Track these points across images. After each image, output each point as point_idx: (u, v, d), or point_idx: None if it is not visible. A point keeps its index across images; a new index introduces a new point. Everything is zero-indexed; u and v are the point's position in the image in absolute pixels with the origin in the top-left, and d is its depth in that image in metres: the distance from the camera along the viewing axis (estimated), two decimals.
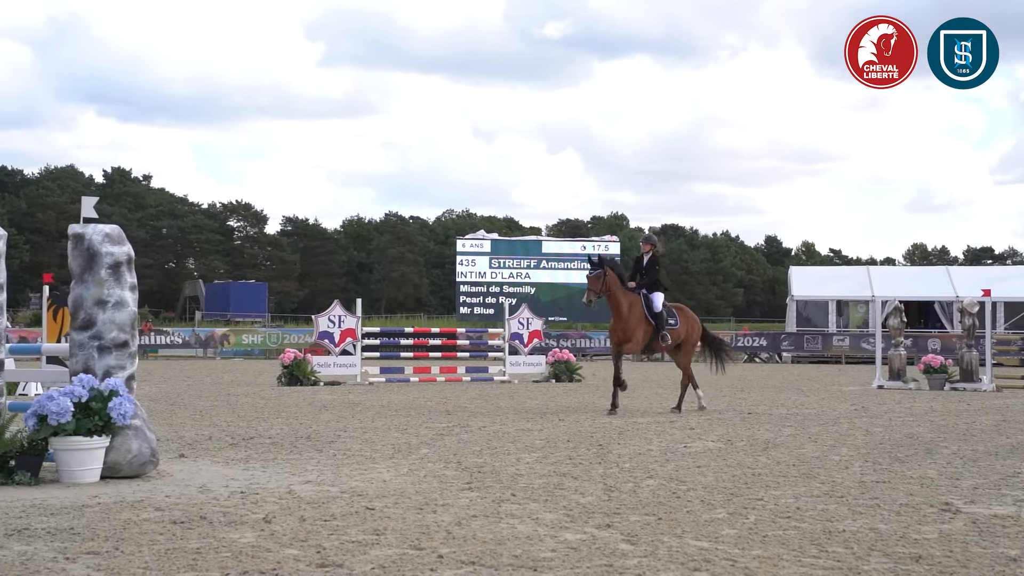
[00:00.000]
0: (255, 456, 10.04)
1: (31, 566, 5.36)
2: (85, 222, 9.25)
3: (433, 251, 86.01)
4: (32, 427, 8.26)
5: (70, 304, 9.08)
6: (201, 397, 18.45)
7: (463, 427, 13.18)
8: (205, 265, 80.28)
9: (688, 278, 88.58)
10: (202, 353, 41.90)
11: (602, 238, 60.02)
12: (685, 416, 15.00)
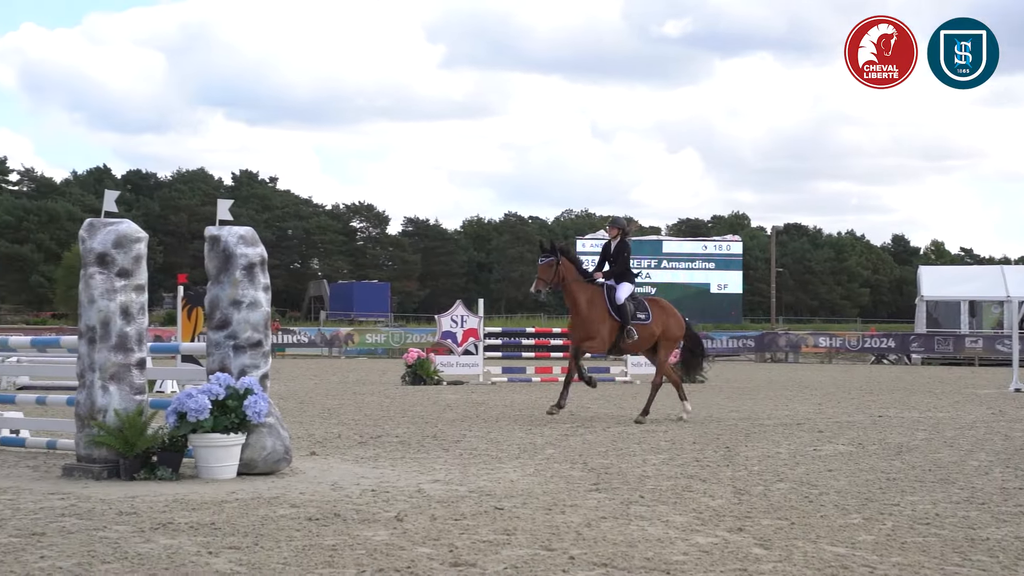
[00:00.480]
0: (384, 455, 10.18)
1: (176, 559, 5.52)
2: (220, 224, 9.48)
3: None
4: (172, 424, 8.51)
5: (206, 304, 9.33)
6: (328, 396, 18.79)
7: (587, 428, 13.16)
8: (329, 265, 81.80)
9: (812, 278, 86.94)
10: (327, 352, 42.66)
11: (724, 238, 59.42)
12: (813, 419, 14.71)
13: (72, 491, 7.69)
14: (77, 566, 5.35)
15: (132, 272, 8.88)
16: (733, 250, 55.39)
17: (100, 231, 8.84)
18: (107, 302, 8.71)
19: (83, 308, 8.78)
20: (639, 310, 14.47)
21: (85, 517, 6.67)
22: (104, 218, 9.04)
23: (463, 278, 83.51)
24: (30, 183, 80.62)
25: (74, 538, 6.01)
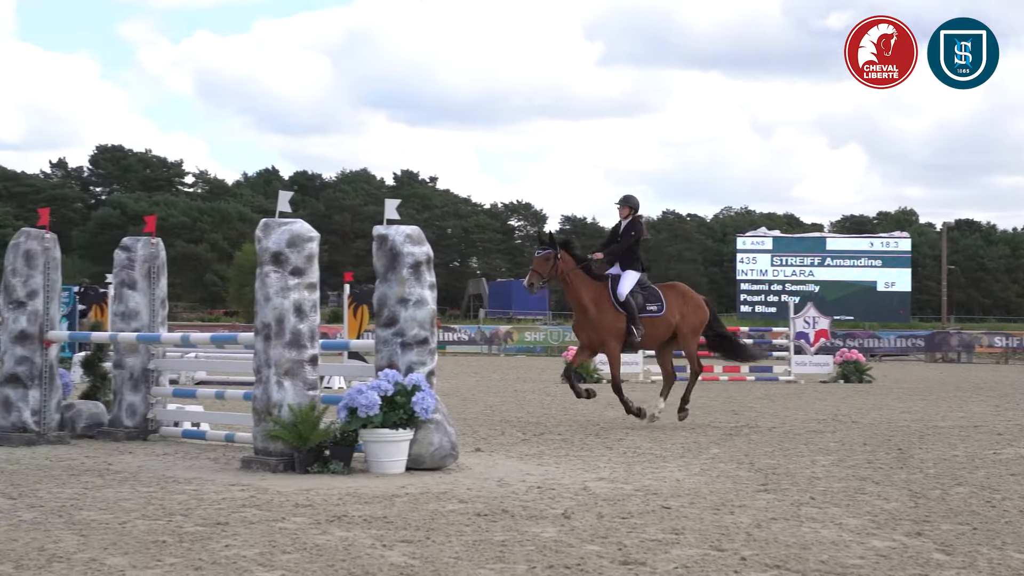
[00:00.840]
0: (547, 452, 10.22)
1: (352, 551, 5.66)
2: (388, 223, 9.67)
3: (711, 249, 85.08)
4: (344, 419, 8.73)
5: (375, 302, 9.54)
6: (490, 393, 18.98)
7: (752, 427, 12.94)
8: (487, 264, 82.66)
9: (985, 275, 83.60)
10: (487, 350, 43.12)
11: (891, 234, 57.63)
12: (991, 422, 14.13)
13: (251, 483, 7.96)
14: (260, 555, 5.54)
15: (305, 270, 9.14)
16: (901, 247, 53.72)
17: (275, 231, 9.13)
18: (281, 300, 8.98)
19: (259, 306, 9.08)
20: (650, 300, 13.21)
21: (264, 508, 6.90)
22: (279, 218, 9.33)
23: None
24: (204, 185, 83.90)
25: (256, 528, 6.23)
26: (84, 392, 11.95)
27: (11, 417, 10.51)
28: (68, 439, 10.68)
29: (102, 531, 6.10)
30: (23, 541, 5.81)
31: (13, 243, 10.93)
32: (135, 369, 11.12)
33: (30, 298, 10.79)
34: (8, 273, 10.85)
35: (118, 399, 11.15)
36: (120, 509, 6.82)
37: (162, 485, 7.87)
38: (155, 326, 11.26)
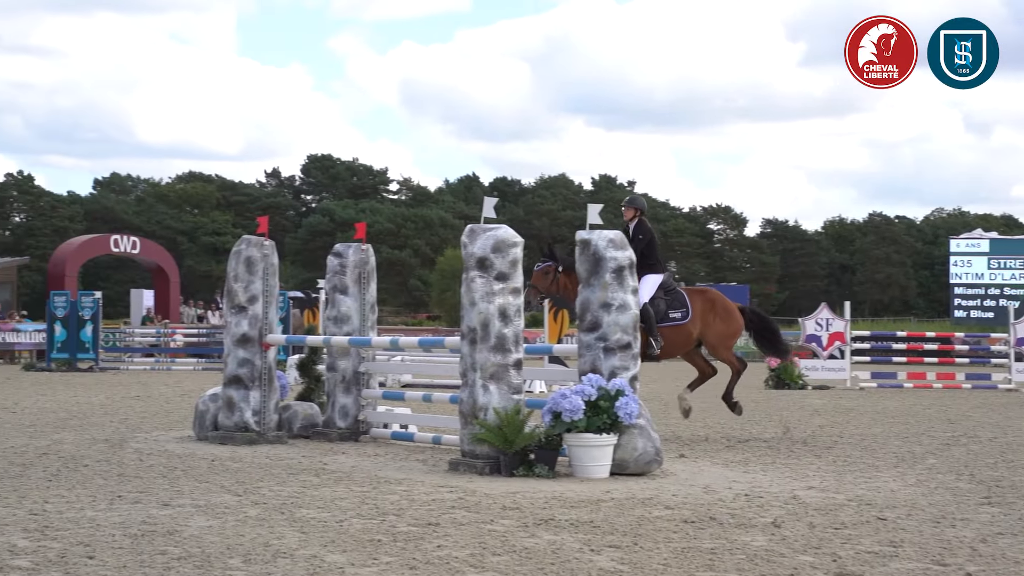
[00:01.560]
0: (753, 459, 10.04)
1: (561, 555, 5.69)
2: (591, 228, 9.69)
3: (921, 252, 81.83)
4: (548, 423, 8.80)
5: (577, 306, 9.58)
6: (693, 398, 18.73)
7: (970, 437, 12.37)
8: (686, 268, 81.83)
9: None
10: None
11: None
12: None
13: (459, 485, 8.11)
14: (471, 556, 5.64)
15: (509, 275, 9.26)
16: None
17: (480, 237, 9.27)
18: (486, 304, 9.12)
19: (464, 310, 9.25)
20: (674, 307, 12.06)
21: (473, 510, 7.02)
22: (484, 224, 9.48)
23: (824, 280, 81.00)
24: (407, 192, 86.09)
25: (465, 530, 6.34)
26: (300, 394, 12.43)
27: (234, 417, 11.03)
28: (286, 439, 11.12)
29: (321, 528, 6.33)
30: (249, 536, 6.09)
31: (235, 250, 11.47)
32: (347, 372, 11.49)
33: (251, 303, 11.29)
34: (230, 279, 11.39)
35: (331, 401, 11.55)
36: (337, 508, 7.07)
37: (375, 485, 8.11)
38: (365, 330, 11.61)
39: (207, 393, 11.56)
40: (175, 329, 32.19)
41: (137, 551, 5.72)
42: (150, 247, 38.01)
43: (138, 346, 30.73)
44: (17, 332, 31.57)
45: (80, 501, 7.26)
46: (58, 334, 26.72)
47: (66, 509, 6.95)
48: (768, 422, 14.08)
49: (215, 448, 10.44)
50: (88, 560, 5.51)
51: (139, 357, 29.60)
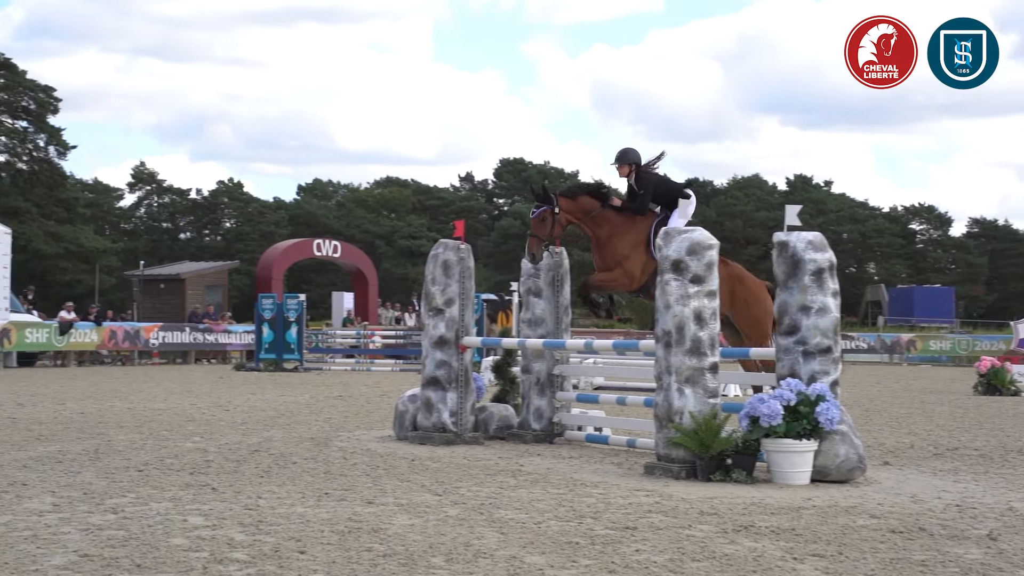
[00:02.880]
0: (963, 468, 9.62)
1: (762, 563, 5.59)
2: (788, 230, 9.49)
3: None
4: (745, 428, 8.66)
5: (775, 310, 9.39)
6: (894, 403, 18.14)
7: None
8: (886, 269, 79.10)
9: None
10: (887, 359, 41.26)
11: None
12: None
13: (655, 488, 8.06)
14: (670, 561, 5.60)
15: (704, 278, 9.15)
16: None
17: (675, 239, 9.20)
18: (681, 307, 9.04)
19: (659, 313, 9.19)
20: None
21: (670, 515, 6.97)
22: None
23: None
24: None
25: (663, 534, 6.30)
26: (495, 395, 12.60)
27: (432, 418, 11.27)
28: (482, 440, 11.30)
29: (520, 530, 6.41)
30: (450, 536, 6.22)
31: (432, 254, 11.72)
32: (541, 374, 11.58)
33: (447, 305, 11.52)
34: (428, 282, 11.65)
35: (526, 403, 11.66)
36: (534, 509, 7.13)
37: (571, 487, 8.15)
38: (559, 332, 11.68)
39: (406, 394, 11.85)
40: (373, 331, 33.14)
41: (344, 547, 5.91)
42: (350, 251, 39.21)
43: (339, 347, 31.75)
44: (228, 333, 33.11)
45: (290, 497, 7.56)
46: (266, 335, 27.88)
47: (277, 505, 7.25)
48: (978, 430, 13.47)
49: (414, 448, 10.69)
50: (300, 555, 5.73)
51: (340, 358, 30.59)
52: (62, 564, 5.49)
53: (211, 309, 35.46)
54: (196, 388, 19.87)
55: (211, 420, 13.45)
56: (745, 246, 74.34)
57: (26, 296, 32.18)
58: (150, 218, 74.90)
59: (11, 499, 7.38)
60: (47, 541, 6.01)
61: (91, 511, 6.94)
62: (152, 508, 7.06)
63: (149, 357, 31.61)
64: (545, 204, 10.99)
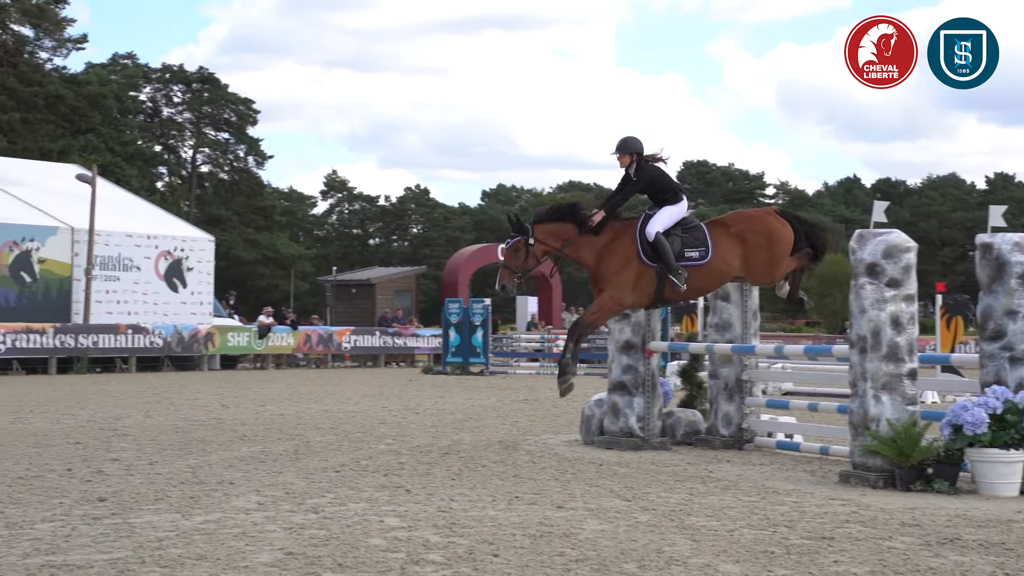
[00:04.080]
0: None
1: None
2: (992, 231, 9.10)
3: None
4: (947, 436, 8.33)
5: (978, 314, 9.01)
6: None
7: None
8: None
9: None
10: None
11: None
12: None
13: (851, 498, 7.84)
14: (870, 574, 5.44)
15: (901, 282, 8.86)
16: None
17: (870, 242, 8.93)
18: (877, 312, 8.78)
19: (853, 318, 8.95)
20: (691, 245, 10.27)
21: (869, 525, 6.76)
22: (873, 229, 9.13)
23: None
24: (785, 196, 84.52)
25: (862, 546, 6.12)
26: (682, 400, 12.49)
27: (619, 423, 11.25)
28: (669, 445, 11.21)
29: (712, 537, 6.33)
30: (642, 542, 6.19)
31: None
32: (729, 379, 11.42)
33: (633, 310, 11.47)
34: None
35: (714, 408, 11.52)
36: (726, 516, 7.04)
37: (762, 495, 8.00)
38: (748, 337, 11.49)
39: (592, 398, 11.87)
40: (557, 335, 33.32)
41: (537, 551, 5.96)
42: None
43: (523, 351, 32.05)
44: (416, 337, 33.86)
45: (482, 500, 7.67)
46: (452, 339, 28.37)
47: (470, 507, 7.37)
48: None
49: (601, 452, 10.70)
50: (493, 558, 5.81)
51: (524, 362, 30.87)
52: (269, 561, 5.72)
53: (400, 313, 36.33)
54: (387, 391, 20.39)
55: (402, 423, 13.78)
56: (940, 247, 71.60)
57: (228, 301, 33.66)
58: (341, 224, 77.35)
59: (220, 497, 7.74)
60: (254, 539, 6.27)
61: (293, 510, 7.20)
62: (350, 508, 7.28)
63: (341, 360, 32.61)
64: (519, 235, 10.53)
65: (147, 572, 5.47)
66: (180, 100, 61.39)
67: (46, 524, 6.65)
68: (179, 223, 32.95)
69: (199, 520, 6.83)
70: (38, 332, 25.29)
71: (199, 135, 61.56)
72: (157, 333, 27.33)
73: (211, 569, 5.54)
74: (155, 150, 59.67)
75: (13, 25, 48.81)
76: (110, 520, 6.81)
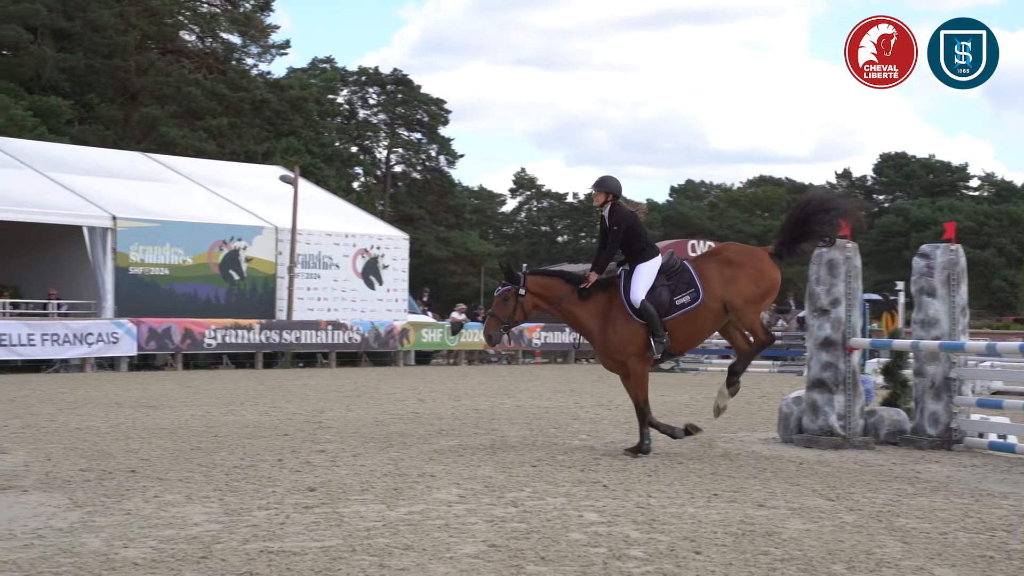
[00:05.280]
0: None
1: None
2: None
3: None
4: None
5: None
6: None
7: None
8: None
9: None
10: None
11: None
12: None
13: None
14: None
15: None
16: None
17: None
18: None
19: None
20: (681, 291, 10.09)
21: None
22: None
23: None
24: (990, 187, 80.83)
25: None
26: (885, 399, 12.09)
27: (818, 421, 10.98)
28: (872, 444, 10.87)
29: (924, 540, 6.11)
30: (849, 543, 6.02)
31: (816, 253, 11.42)
32: (936, 377, 10.98)
33: (832, 306, 11.18)
34: (812, 282, 11.37)
35: (919, 407, 11.10)
36: (938, 519, 6.78)
37: (976, 498, 7.67)
38: (956, 334, 11.03)
39: (790, 396, 11.62)
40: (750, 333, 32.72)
41: (740, 550, 5.88)
42: None
43: (714, 348, 31.64)
44: None
45: (680, 497, 7.61)
46: None
47: (668, 504, 7.32)
48: None
49: (801, 451, 10.46)
50: (695, 555, 5.76)
51: (715, 359, 30.47)
52: (473, 553, 5.82)
53: None
54: (578, 387, 20.46)
55: (595, 419, 13.81)
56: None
57: (421, 298, 34.40)
58: (530, 222, 78.03)
59: (422, 489, 7.92)
60: (457, 530, 6.40)
61: (493, 503, 7.31)
62: (549, 503, 7.34)
63: (532, 356, 32.90)
64: (511, 283, 10.49)
65: (358, 560, 5.65)
66: (375, 102, 63.17)
67: (261, 512, 6.95)
68: (375, 222, 33.88)
69: (403, 511, 7.01)
70: (245, 328, 26.41)
71: (393, 136, 63.18)
72: (355, 329, 28.17)
73: (418, 559, 5.67)
74: (351, 151, 61.53)
75: (223, 34, 51.25)
76: (320, 509, 7.06)
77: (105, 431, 11.78)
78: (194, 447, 10.32)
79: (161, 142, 42.57)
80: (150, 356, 25.81)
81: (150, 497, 7.46)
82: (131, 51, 45.61)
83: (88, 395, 17.08)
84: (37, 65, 43.02)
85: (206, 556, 5.68)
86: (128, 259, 25.94)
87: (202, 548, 5.86)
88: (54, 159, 28.96)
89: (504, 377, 23.98)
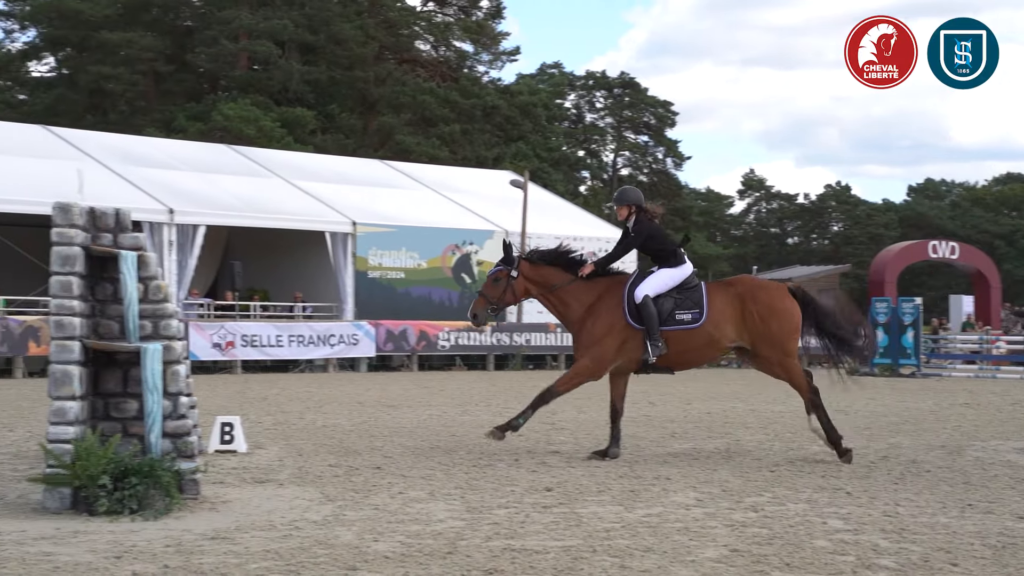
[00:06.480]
0: None
1: None
2: None
3: None
4: None
5: None
6: None
7: None
8: None
9: None
10: None
11: None
12: None
13: None
14: None
15: None
16: None
17: None
18: None
19: None
20: (685, 307, 9.69)
21: None
22: None
23: None
24: None
25: None
26: None
27: None
28: None
29: None
30: None
31: None
32: None
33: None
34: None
35: None
36: None
37: None
38: None
39: None
40: (997, 336, 31.08)
41: (1001, 563, 5.58)
42: (969, 252, 37.16)
43: (958, 352, 30.21)
44: None
45: (930, 506, 7.29)
46: (880, 340, 27.25)
47: (918, 513, 7.02)
48: None
49: None
50: (952, 567, 5.50)
51: (960, 364, 29.08)
52: (715, 557, 5.74)
53: None
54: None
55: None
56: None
57: None
58: (759, 224, 76.61)
59: (658, 492, 7.88)
60: (697, 534, 6.33)
61: (732, 508, 7.20)
62: (790, 509, 7.17)
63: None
64: (504, 265, 10.18)
65: (599, 560, 5.67)
66: (602, 105, 63.44)
67: (502, 510, 7.07)
68: (603, 224, 33.99)
69: (641, 513, 6.99)
70: (478, 331, 27.00)
71: (620, 139, 63.29)
72: None
73: (659, 561, 5.65)
74: (578, 155, 61.97)
75: (456, 42, 52.63)
76: (558, 509, 7.13)
77: (349, 428, 12.28)
78: (433, 446, 10.61)
79: (397, 149, 44.09)
80: (387, 357, 26.74)
81: (395, 493, 7.72)
82: (370, 62, 47.41)
83: (332, 394, 17.85)
84: (284, 78, 45.26)
85: (452, 552, 5.82)
86: (367, 263, 26.97)
87: (448, 544, 6.01)
88: (299, 168, 30.42)
89: (734, 380, 23.63)
